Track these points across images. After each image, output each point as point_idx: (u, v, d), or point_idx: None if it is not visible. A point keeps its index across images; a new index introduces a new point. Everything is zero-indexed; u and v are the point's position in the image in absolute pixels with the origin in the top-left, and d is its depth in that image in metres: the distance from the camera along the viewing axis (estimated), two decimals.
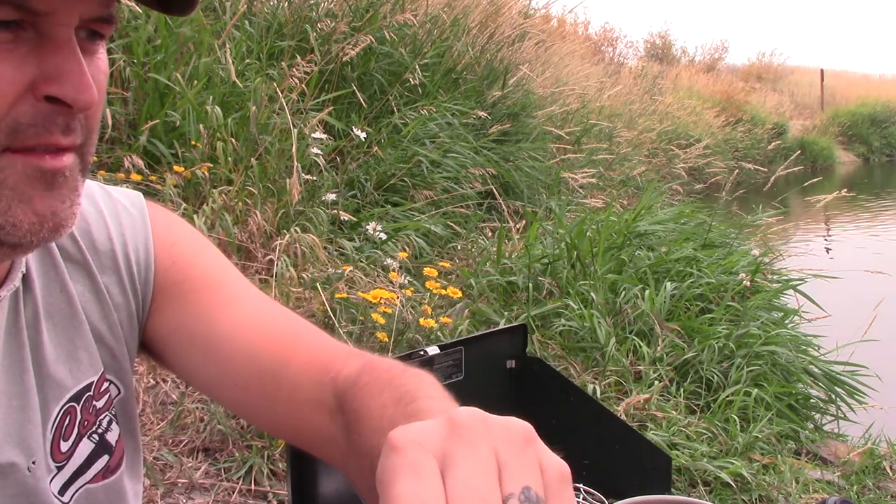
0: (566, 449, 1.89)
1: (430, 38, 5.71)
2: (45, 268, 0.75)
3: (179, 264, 0.83)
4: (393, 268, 3.24)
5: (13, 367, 0.70)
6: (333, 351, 0.81)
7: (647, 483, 1.53)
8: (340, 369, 0.77)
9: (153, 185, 3.18)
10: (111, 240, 0.80)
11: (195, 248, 0.86)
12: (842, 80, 25.40)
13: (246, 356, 0.80)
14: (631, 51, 21.41)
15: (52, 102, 0.59)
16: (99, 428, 0.78)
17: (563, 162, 6.47)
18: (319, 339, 0.83)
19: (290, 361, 0.80)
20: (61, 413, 0.74)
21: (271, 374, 0.79)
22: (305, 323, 0.85)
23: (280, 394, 0.79)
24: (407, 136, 4.68)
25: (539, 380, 1.69)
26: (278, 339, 0.82)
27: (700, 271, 3.89)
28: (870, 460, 2.96)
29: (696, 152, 9.72)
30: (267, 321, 0.83)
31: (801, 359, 3.65)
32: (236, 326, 0.81)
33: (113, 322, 0.79)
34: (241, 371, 0.80)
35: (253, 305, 0.84)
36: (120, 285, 0.80)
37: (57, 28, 0.58)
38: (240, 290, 0.85)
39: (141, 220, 0.83)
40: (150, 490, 2.03)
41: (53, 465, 0.73)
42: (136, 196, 0.84)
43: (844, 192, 4.87)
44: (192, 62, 3.79)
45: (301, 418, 0.78)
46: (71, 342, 0.76)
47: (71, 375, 0.75)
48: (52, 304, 0.75)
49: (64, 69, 0.59)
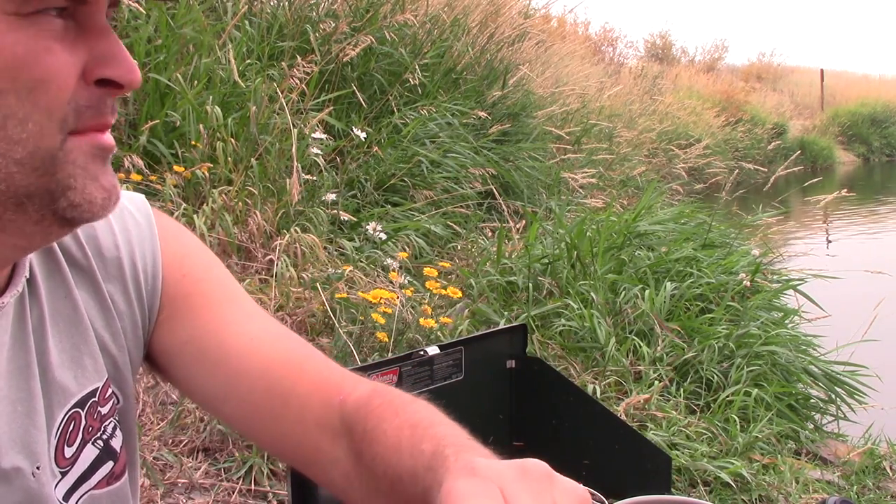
0: (566, 449, 1.90)
1: (430, 38, 5.71)
2: (51, 272, 0.74)
3: (190, 277, 0.83)
4: (393, 268, 3.24)
5: (19, 371, 0.70)
6: (342, 375, 0.83)
7: (647, 483, 1.53)
8: (350, 393, 0.79)
9: (153, 185, 3.18)
10: (118, 247, 0.79)
11: (206, 262, 0.86)
12: (842, 80, 25.38)
13: (257, 373, 0.80)
14: (631, 51, 21.41)
15: (102, 85, 0.62)
16: (104, 434, 0.78)
17: (563, 162, 6.47)
18: (328, 363, 0.84)
19: (300, 382, 0.81)
20: (65, 419, 0.74)
21: (281, 392, 0.80)
22: (312, 347, 0.86)
23: (288, 413, 0.80)
24: (407, 136, 4.68)
25: (539, 380, 1.69)
26: (290, 358, 0.82)
27: (700, 271, 3.89)
28: (870, 460, 2.96)
29: (696, 152, 9.72)
30: (278, 340, 0.84)
31: (801, 359, 3.65)
32: (248, 343, 0.81)
33: (116, 330, 0.79)
34: (251, 387, 0.80)
35: (264, 324, 0.84)
36: (125, 294, 0.79)
37: (97, 14, 0.62)
38: (251, 308, 0.85)
39: (148, 228, 0.82)
40: (150, 490, 2.03)
41: (57, 470, 0.73)
42: (140, 201, 0.84)
43: (844, 193, 4.87)
44: (192, 62, 3.79)
45: (306, 439, 0.79)
46: (76, 348, 0.75)
47: (76, 381, 0.75)
48: (58, 309, 0.74)
49: (114, 52, 0.62)
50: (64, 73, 0.59)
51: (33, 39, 0.58)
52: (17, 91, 0.58)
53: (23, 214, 0.62)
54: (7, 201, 0.61)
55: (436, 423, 0.72)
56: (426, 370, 1.52)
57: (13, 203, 0.61)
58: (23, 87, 0.58)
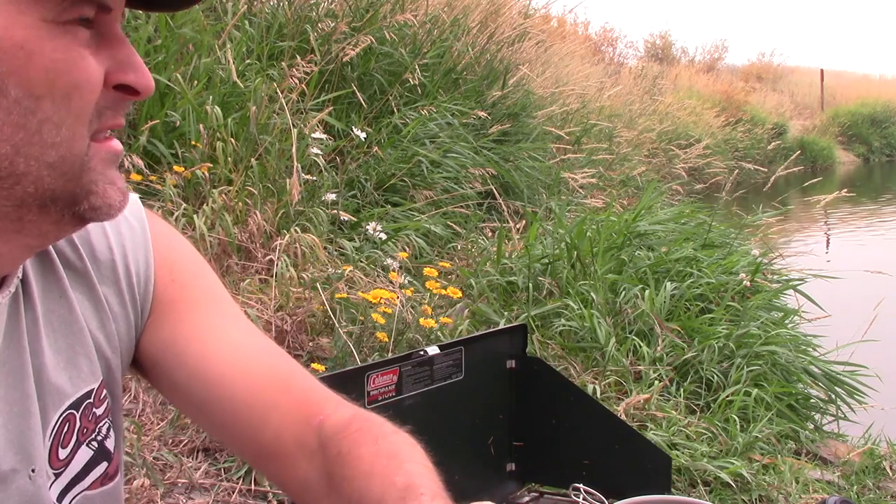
0: (566, 449, 1.90)
1: (430, 38, 5.71)
2: (45, 273, 0.74)
3: (179, 282, 0.84)
4: (393, 268, 3.24)
5: (13, 373, 0.70)
6: (324, 395, 0.83)
7: (647, 483, 1.53)
8: (330, 414, 0.80)
9: (153, 185, 3.18)
10: (111, 250, 0.80)
11: (195, 268, 0.87)
12: (842, 80, 25.39)
13: (238, 383, 0.81)
14: (631, 51, 21.45)
15: (120, 90, 0.65)
16: (98, 435, 0.78)
17: (563, 162, 6.47)
18: (312, 381, 0.85)
19: (281, 397, 0.81)
20: (60, 420, 0.74)
21: (263, 404, 0.80)
22: (297, 363, 0.87)
23: (268, 427, 0.80)
24: (407, 136, 4.68)
25: (539, 380, 1.69)
26: (273, 372, 0.83)
27: (700, 271, 3.89)
28: (870, 460, 2.96)
29: (696, 152, 9.72)
30: (263, 353, 0.84)
31: (801, 359, 3.65)
32: (231, 352, 0.82)
33: (111, 332, 0.79)
34: (230, 395, 0.80)
35: (249, 335, 0.85)
36: (119, 296, 0.80)
37: (115, 23, 0.65)
38: (236, 317, 0.86)
39: (141, 231, 0.83)
40: (150, 490, 2.03)
41: (51, 471, 0.73)
42: (134, 203, 0.84)
43: (844, 192, 4.87)
44: (192, 62, 3.79)
45: (281, 454, 0.80)
46: (71, 349, 0.75)
47: (71, 383, 0.75)
48: (52, 310, 0.74)
49: (132, 60, 0.65)
50: (94, 79, 0.62)
51: (69, 46, 0.60)
52: (53, 96, 0.60)
53: (45, 216, 0.64)
54: (32, 203, 0.63)
55: (415, 459, 0.72)
56: (426, 370, 1.52)
57: (37, 205, 0.63)
58: (59, 92, 0.60)
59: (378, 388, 1.43)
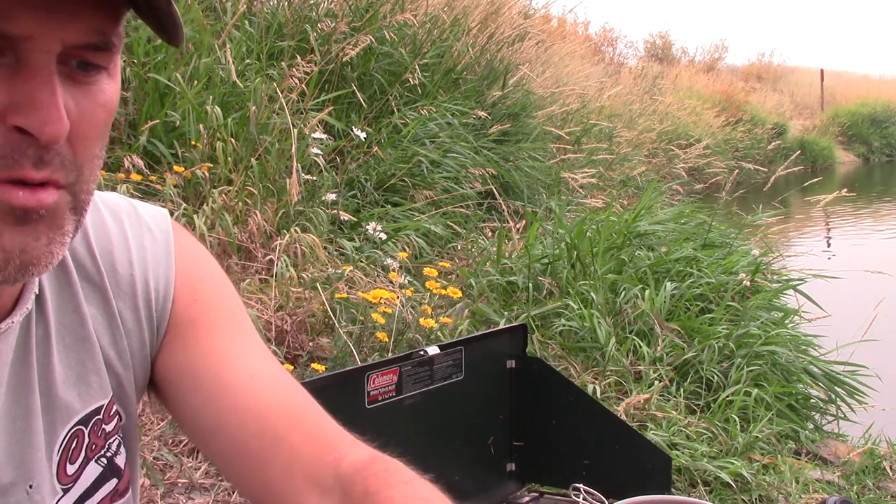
0: (566, 449, 1.91)
1: (430, 38, 5.71)
2: (60, 287, 0.73)
3: (201, 303, 0.81)
4: (393, 268, 3.24)
5: (19, 388, 0.69)
6: (340, 434, 0.80)
7: (647, 483, 1.53)
8: (346, 453, 0.77)
9: (153, 185, 3.18)
10: (132, 264, 0.77)
11: (220, 289, 0.84)
12: (842, 80, 25.39)
13: (251, 413, 0.77)
14: (631, 51, 21.46)
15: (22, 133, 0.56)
16: (108, 451, 0.77)
17: (563, 162, 6.47)
18: (326, 418, 0.82)
19: (294, 431, 0.78)
20: (68, 436, 0.73)
21: (273, 437, 0.77)
22: (312, 399, 0.83)
23: (277, 460, 0.77)
24: (407, 136, 4.68)
25: (539, 380, 1.69)
26: (287, 405, 0.80)
27: (700, 271, 3.89)
28: (870, 460, 2.95)
29: (696, 152, 9.72)
30: (279, 384, 0.81)
31: (801, 359, 3.64)
32: (247, 380, 0.79)
33: (122, 348, 0.77)
34: (242, 425, 0.77)
35: (266, 365, 0.82)
36: (135, 312, 0.78)
37: (35, 54, 0.55)
38: (256, 345, 0.83)
39: (165, 247, 0.80)
40: (150, 490, 2.03)
41: (59, 487, 0.72)
42: (162, 218, 0.82)
43: (844, 192, 4.87)
44: (192, 62, 3.79)
45: (290, 490, 0.77)
46: (82, 364, 0.74)
47: (80, 399, 0.73)
48: (65, 325, 0.73)
49: (33, 98, 0.55)
50: None
51: None
52: None
53: None
54: None
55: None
56: (426, 370, 1.52)
57: None
58: None
59: (378, 388, 1.43)
